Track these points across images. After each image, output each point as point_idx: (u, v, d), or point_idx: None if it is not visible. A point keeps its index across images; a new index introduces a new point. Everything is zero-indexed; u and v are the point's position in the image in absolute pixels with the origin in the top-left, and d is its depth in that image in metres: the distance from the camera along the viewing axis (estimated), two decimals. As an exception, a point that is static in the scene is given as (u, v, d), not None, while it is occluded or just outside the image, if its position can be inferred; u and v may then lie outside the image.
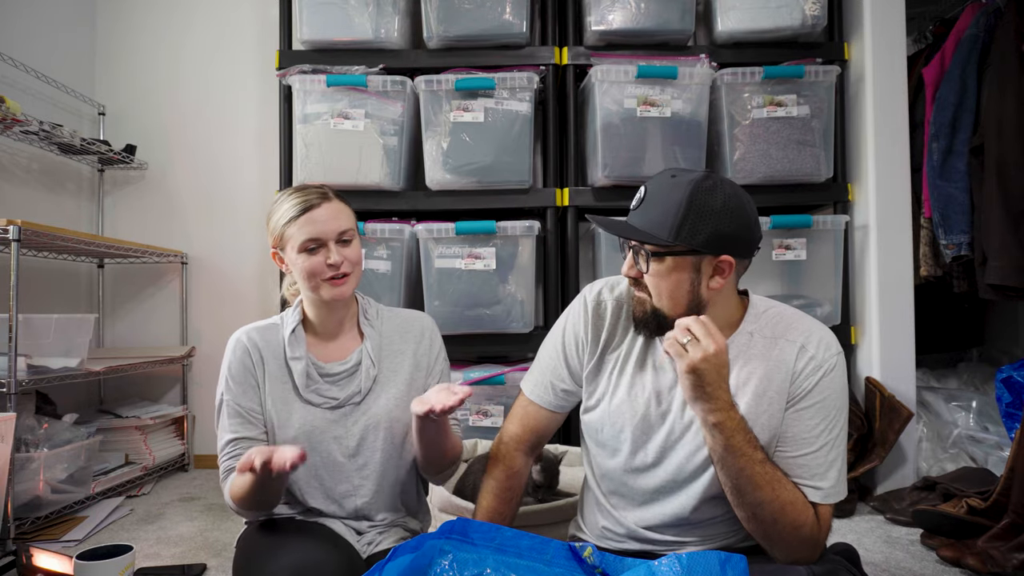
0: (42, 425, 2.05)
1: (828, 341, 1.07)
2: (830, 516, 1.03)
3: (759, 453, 0.98)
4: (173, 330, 2.88)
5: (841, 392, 1.06)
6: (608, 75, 2.22)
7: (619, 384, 1.13)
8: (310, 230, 1.19)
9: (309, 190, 1.23)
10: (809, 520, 0.99)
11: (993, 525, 1.70)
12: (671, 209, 1.00)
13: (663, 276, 1.03)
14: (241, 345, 1.24)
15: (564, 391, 1.19)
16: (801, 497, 1.00)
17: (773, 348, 1.06)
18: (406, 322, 1.33)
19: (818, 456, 1.02)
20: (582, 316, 1.17)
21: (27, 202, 2.51)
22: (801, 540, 0.99)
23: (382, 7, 2.30)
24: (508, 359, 2.38)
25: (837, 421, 1.04)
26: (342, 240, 1.21)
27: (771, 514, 0.98)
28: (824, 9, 2.31)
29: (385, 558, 0.94)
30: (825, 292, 2.33)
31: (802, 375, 1.04)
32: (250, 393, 1.22)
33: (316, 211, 1.19)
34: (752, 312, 1.11)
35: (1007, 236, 2.07)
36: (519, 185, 2.29)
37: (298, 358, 1.23)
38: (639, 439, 1.10)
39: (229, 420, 1.21)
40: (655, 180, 1.05)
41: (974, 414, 2.33)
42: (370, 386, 1.25)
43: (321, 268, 1.19)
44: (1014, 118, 2.09)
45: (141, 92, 2.90)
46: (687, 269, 1.02)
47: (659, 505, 1.09)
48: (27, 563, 1.46)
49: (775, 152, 2.27)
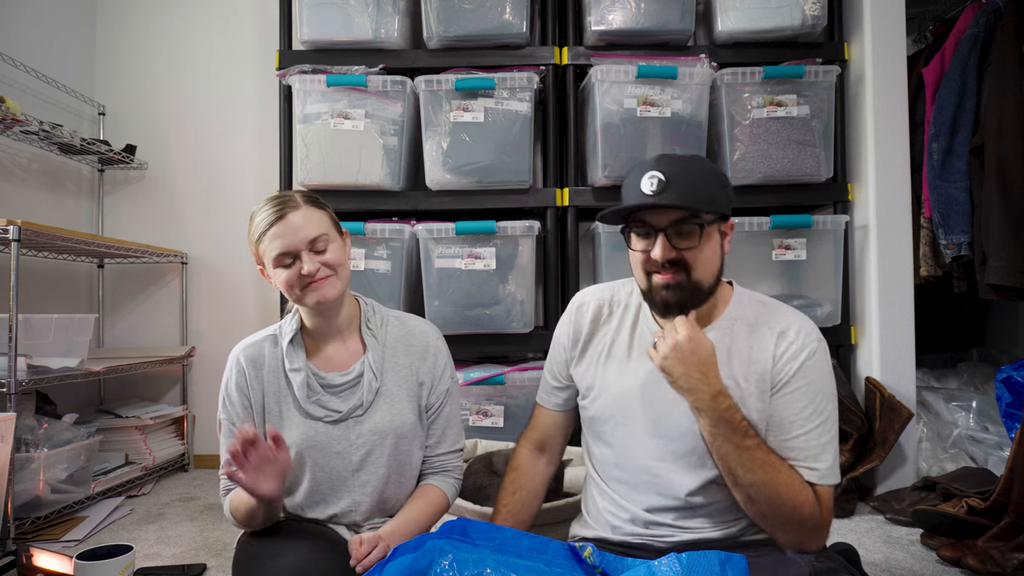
0: (42, 425, 2.05)
1: (807, 328, 1.11)
2: (831, 499, 1.04)
3: (750, 439, 1.01)
4: (173, 330, 2.88)
5: (826, 376, 1.08)
6: (608, 75, 2.22)
7: (607, 372, 1.18)
8: (280, 243, 1.16)
9: (277, 200, 1.19)
10: (808, 501, 1.00)
11: (993, 525, 1.70)
12: (703, 181, 1.06)
13: (706, 246, 1.07)
14: (238, 365, 1.22)
15: (556, 388, 1.28)
16: (798, 478, 1.02)
17: (754, 335, 1.11)
18: (410, 334, 1.30)
19: (810, 438, 1.04)
20: (565, 319, 1.27)
21: (27, 202, 2.51)
22: (802, 522, 1.00)
23: (382, 7, 2.30)
24: (508, 359, 2.38)
25: (825, 405, 1.06)
26: (315, 249, 1.17)
27: (767, 496, 1.00)
28: (824, 9, 2.31)
29: (385, 558, 0.94)
30: (825, 292, 2.33)
31: (783, 360, 1.08)
32: (244, 414, 1.22)
33: (282, 223, 1.16)
34: (736, 300, 1.16)
35: (1007, 236, 2.07)
36: (519, 185, 2.29)
37: (297, 370, 1.21)
38: (633, 423, 1.13)
39: (226, 440, 1.21)
40: (662, 163, 1.08)
41: (974, 414, 2.33)
42: (372, 399, 1.22)
43: (296, 280, 1.16)
44: (1014, 118, 2.09)
45: (141, 92, 2.91)
46: (716, 235, 1.10)
47: (659, 488, 1.11)
48: (27, 563, 1.46)
49: (775, 152, 2.27)
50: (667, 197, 1.04)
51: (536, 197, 2.33)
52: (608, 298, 1.24)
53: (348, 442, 1.21)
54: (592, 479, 1.23)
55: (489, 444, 1.97)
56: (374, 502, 1.22)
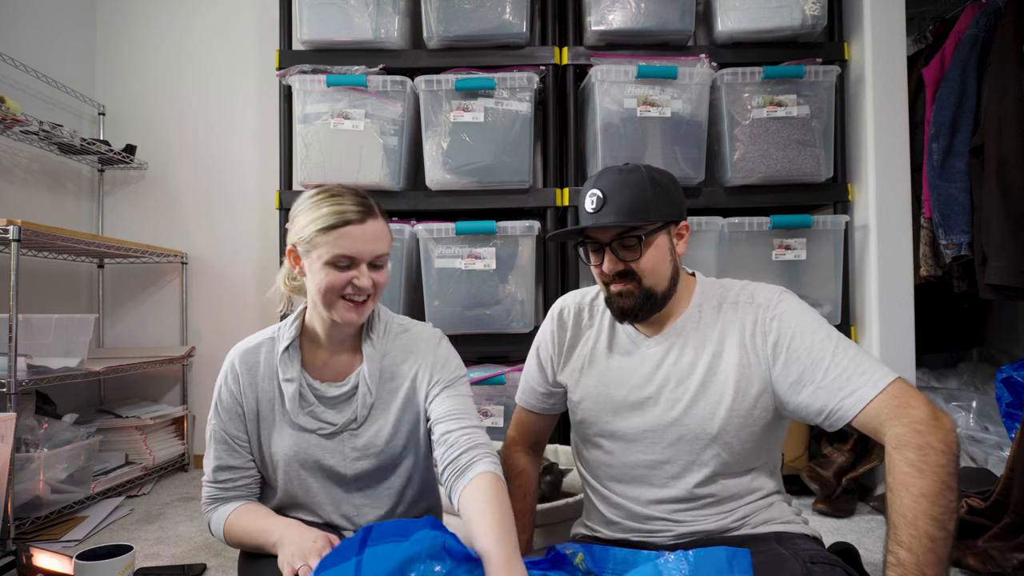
0: (42, 425, 2.05)
1: (766, 288, 1.15)
2: (909, 389, 0.97)
3: (915, 553, 0.86)
4: (173, 330, 2.88)
5: (807, 312, 1.10)
6: (608, 75, 2.22)
7: (590, 375, 1.21)
8: (346, 246, 1.08)
9: (353, 199, 1.11)
10: (935, 446, 0.90)
11: (993, 525, 1.70)
12: (639, 193, 1.09)
13: (652, 255, 1.11)
14: (233, 370, 1.18)
15: (543, 394, 1.30)
16: (934, 485, 0.88)
17: (719, 314, 1.14)
18: (412, 342, 1.23)
19: (839, 360, 1.01)
20: (548, 326, 1.29)
21: (27, 202, 2.51)
22: (942, 464, 0.90)
23: (382, 7, 2.30)
24: (508, 359, 2.38)
25: (829, 332, 1.06)
26: (375, 264, 1.12)
27: (953, 515, 0.89)
28: (824, 9, 2.31)
29: (361, 539, 0.93)
30: (825, 292, 2.33)
31: (760, 324, 1.10)
32: (236, 421, 1.18)
33: (356, 227, 1.08)
34: (699, 288, 1.19)
35: (1007, 236, 2.07)
36: (519, 185, 2.29)
37: (290, 380, 1.16)
38: (620, 423, 1.15)
39: (216, 446, 1.18)
40: (602, 180, 1.12)
41: (974, 414, 2.33)
42: (367, 413, 1.18)
43: (344, 287, 1.09)
44: (1014, 118, 2.09)
45: (141, 92, 2.91)
46: (665, 241, 1.13)
47: (652, 482, 1.13)
48: (27, 563, 1.46)
49: (775, 152, 2.27)
50: (605, 214, 1.09)
51: (536, 197, 2.33)
52: (587, 303, 1.27)
53: (343, 455, 1.17)
54: (585, 480, 1.25)
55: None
56: (386, 509, 1.21)
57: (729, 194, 2.33)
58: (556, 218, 2.35)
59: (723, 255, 2.27)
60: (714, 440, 1.09)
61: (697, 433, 1.09)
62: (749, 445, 1.10)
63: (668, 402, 1.12)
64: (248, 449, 1.19)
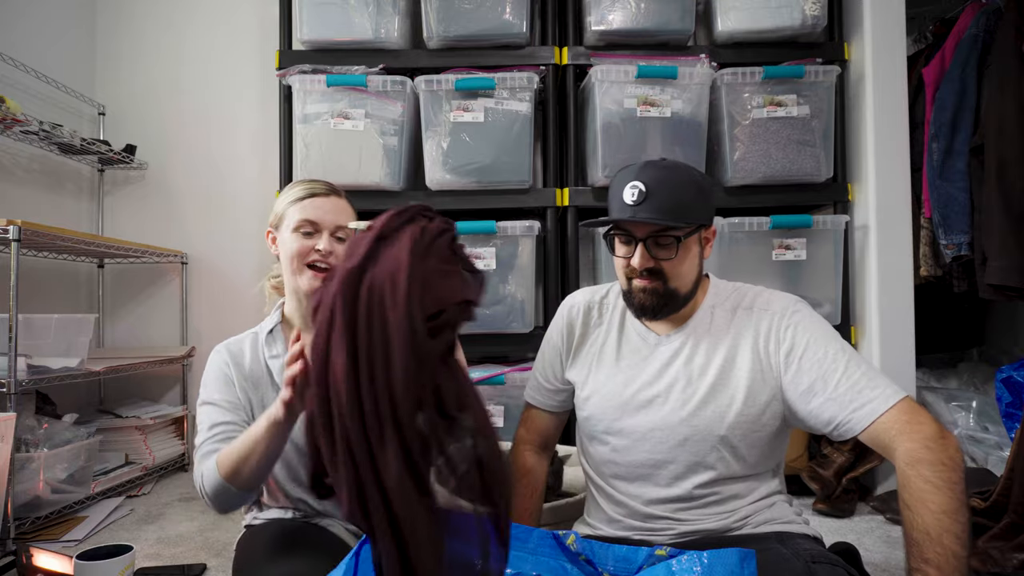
0: (42, 425, 2.05)
1: (782, 296, 1.15)
2: (918, 407, 0.97)
3: (944, 571, 0.89)
4: (173, 330, 2.88)
5: (821, 324, 1.11)
6: (608, 75, 2.22)
7: (599, 373, 1.21)
8: (311, 213, 1.21)
9: (322, 183, 1.26)
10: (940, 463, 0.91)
11: (993, 525, 1.70)
12: (681, 193, 1.09)
13: (683, 257, 1.11)
14: (220, 356, 1.23)
15: (551, 391, 1.30)
16: (952, 502, 0.90)
17: (733, 318, 1.15)
18: None
19: (851, 373, 1.03)
20: (557, 323, 1.30)
21: (27, 202, 2.51)
22: (955, 482, 0.91)
23: (382, 7, 2.31)
24: (508, 359, 2.38)
25: (843, 346, 1.07)
26: (337, 236, 1.22)
27: (968, 531, 0.91)
28: (824, 9, 2.31)
29: (361, 539, 0.93)
30: (825, 292, 2.33)
31: (774, 331, 1.11)
32: (229, 387, 1.19)
33: (320, 199, 1.23)
34: (713, 290, 1.20)
35: (1007, 236, 2.07)
36: (519, 185, 2.29)
37: (276, 356, 1.22)
38: (627, 421, 1.15)
39: (211, 410, 1.16)
40: (645, 173, 1.10)
41: (974, 414, 2.33)
42: None
43: (308, 251, 1.20)
44: (1014, 118, 2.09)
45: (141, 92, 2.90)
46: (695, 244, 1.14)
47: (656, 482, 1.13)
48: (27, 563, 1.46)
49: (775, 152, 2.27)
50: (646, 209, 1.08)
51: (536, 197, 2.33)
52: (597, 300, 1.28)
53: None
54: (589, 477, 1.25)
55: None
56: None
57: (729, 194, 2.33)
58: (556, 218, 2.35)
59: (723, 255, 2.27)
60: (721, 442, 1.09)
61: (704, 434, 1.10)
62: (755, 450, 1.11)
63: (678, 401, 1.12)
64: (241, 409, 1.18)
